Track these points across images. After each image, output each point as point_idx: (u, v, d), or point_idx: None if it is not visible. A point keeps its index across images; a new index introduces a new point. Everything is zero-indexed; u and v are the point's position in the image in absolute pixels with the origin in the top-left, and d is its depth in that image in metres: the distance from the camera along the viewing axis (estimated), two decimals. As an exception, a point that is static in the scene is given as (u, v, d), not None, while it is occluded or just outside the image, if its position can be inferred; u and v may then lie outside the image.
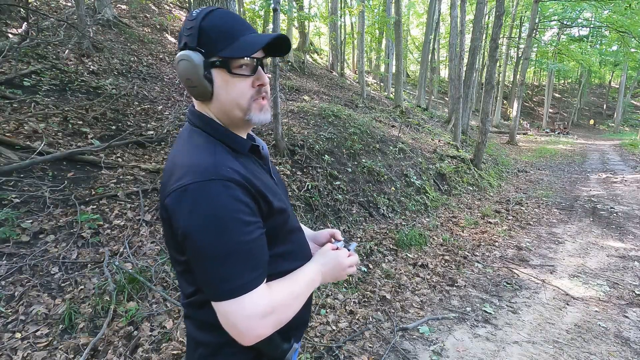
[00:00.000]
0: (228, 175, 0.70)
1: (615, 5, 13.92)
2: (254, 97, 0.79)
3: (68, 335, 2.17)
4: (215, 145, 0.78)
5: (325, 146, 5.48)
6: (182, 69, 0.75)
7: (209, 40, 0.74)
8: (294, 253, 0.89)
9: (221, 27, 0.75)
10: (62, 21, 5.88)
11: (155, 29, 9.09)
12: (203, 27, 0.74)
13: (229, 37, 0.75)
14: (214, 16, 0.75)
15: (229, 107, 0.79)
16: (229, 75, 0.76)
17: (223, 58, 0.74)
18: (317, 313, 2.78)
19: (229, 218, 0.67)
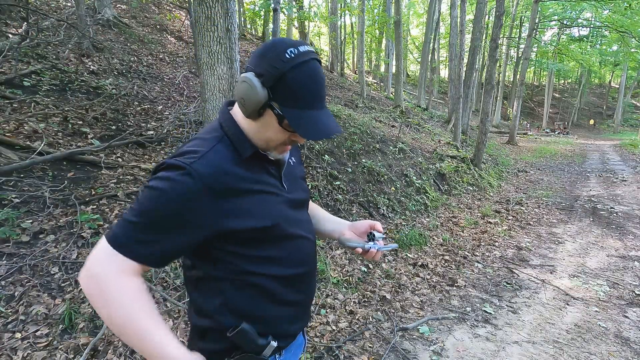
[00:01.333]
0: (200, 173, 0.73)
1: (615, 5, 13.93)
2: (283, 145, 0.85)
3: (68, 335, 2.17)
4: (220, 139, 0.82)
5: (325, 146, 5.48)
6: (243, 91, 0.76)
7: (283, 91, 0.74)
8: (285, 260, 0.88)
9: (300, 88, 0.75)
10: (62, 21, 5.88)
11: (155, 29, 9.09)
12: (286, 77, 0.73)
13: (300, 103, 0.75)
14: (301, 72, 0.74)
15: (259, 137, 0.83)
16: (277, 124, 0.79)
17: (281, 114, 0.76)
18: (317, 313, 2.78)
19: (167, 199, 0.72)
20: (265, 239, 0.83)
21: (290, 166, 0.97)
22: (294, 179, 0.96)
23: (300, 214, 0.96)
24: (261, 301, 0.86)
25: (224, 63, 3.28)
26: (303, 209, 0.99)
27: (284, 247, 0.88)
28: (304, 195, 0.98)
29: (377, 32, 18.89)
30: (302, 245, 0.92)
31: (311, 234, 0.98)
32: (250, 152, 0.82)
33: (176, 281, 2.73)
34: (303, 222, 0.96)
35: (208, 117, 3.35)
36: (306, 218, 0.99)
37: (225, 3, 3.22)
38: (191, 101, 6.00)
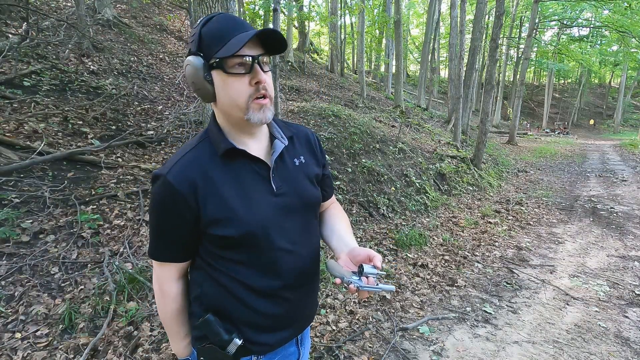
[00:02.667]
0: (173, 180, 0.80)
1: (615, 5, 13.92)
2: (252, 96, 0.79)
3: (68, 335, 2.17)
4: (199, 143, 0.86)
5: (325, 146, 5.48)
6: (187, 74, 0.80)
7: (206, 43, 0.78)
8: (257, 270, 0.85)
9: (216, 30, 0.78)
10: (62, 21, 5.88)
11: (155, 29, 9.09)
12: (202, 33, 0.78)
13: (222, 39, 0.77)
14: (213, 21, 0.79)
15: (229, 108, 0.81)
16: (226, 75, 0.77)
17: (218, 59, 0.76)
18: (317, 313, 2.78)
19: (156, 207, 0.84)
20: (236, 244, 0.83)
21: (294, 165, 0.92)
22: (292, 179, 0.90)
23: (289, 221, 0.88)
24: (231, 301, 0.87)
25: (224, 63, 3.27)
26: (297, 214, 0.90)
27: (257, 257, 0.84)
28: (298, 200, 0.90)
29: (377, 32, 18.89)
30: (279, 258, 0.86)
31: (299, 245, 0.90)
32: (223, 147, 0.82)
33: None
34: (289, 230, 0.88)
35: (208, 117, 3.36)
36: (298, 226, 0.90)
37: (225, 3, 3.22)
38: (191, 101, 6.00)
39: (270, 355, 0.93)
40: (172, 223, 0.84)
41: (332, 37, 15.42)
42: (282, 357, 0.96)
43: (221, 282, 0.87)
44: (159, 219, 0.86)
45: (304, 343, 1.05)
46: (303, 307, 0.97)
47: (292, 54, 14.26)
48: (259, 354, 0.91)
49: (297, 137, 0.98)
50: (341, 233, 1.02)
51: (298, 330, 0.98)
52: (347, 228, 1.05)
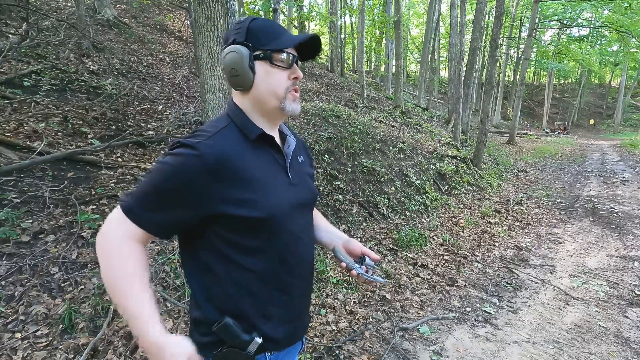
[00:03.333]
0: (202, 153, 0.78)
1: (615, 5, 13.92)
2: (289, 88, 0.89)
3: (68, 335, 2.17)
4: (226, 126, 0.87)
5: (325, 146, 5.48)
6: (229, 60, 0.85)
7: (255, 36, 0.86)
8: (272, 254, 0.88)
9: (266, 27, 0.88)
10: (62, 21, 5.88)
11: (155, 29, 9.09)
12: (251, 27, 0.86)
13: (272, 35, 0.87)
14: (259, 20, 0.88)
15: (267, 96, 0.88)
16: (270, 66, 0.86)
17: (266, 50, 0.85)
18: (317, 313, 2.78)
19: (171, 176, 0.79)
20: (258, 227, 0.84)
21: (299, 162, 1.00)
22: (302, 174, 0.99)
23: (301, 213, 0.95)
24: (243, 294, 0.86)
25: (224, 63, 3.27)
26: (305, 208, 0.99)
27: (272, 241, 0.87)
28: (309, 194, 0.99)
29: (377, 32, 18.89)
30: (294, 243, 0.92)
31: (307, 236, 0.98)
32: (256, 132, 0.87)
33: (176, 281, 2.73)
34: (299, 218, 0.94)
35: (208, 117, 3.35)
36: (306, 219, 0.99)
37: (225, 3, 3.22)
38: (191, 101, 6.00)
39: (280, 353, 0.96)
40: (181, 198, 0.79)
41: (332, 37, 15.42)
42: (291, 348, 1.00)
43: (232, 277, 0.86)
44: (169, 186, 0.79)
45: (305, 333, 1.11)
46: (305, 301, 1.01)
47: (292, 54, 14.23)
48: (272, 351, 0.92)
49: (297, 140, 1.07)
50: (329, 229, 1.13)
51: (301, 322, 1.01)
52: (328, 223, 1.18)
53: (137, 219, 0.80)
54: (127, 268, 0.80)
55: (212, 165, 0.79)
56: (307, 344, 2.41)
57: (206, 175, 0.78)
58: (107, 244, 0.81)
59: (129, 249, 0.81)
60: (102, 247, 0.82)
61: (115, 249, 0.80)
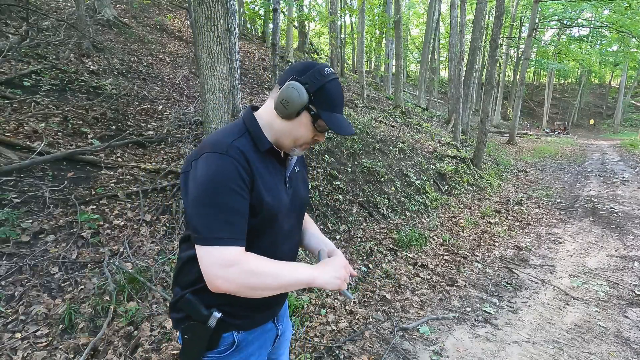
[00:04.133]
0: (236, 156, 0.87)
1: (615, 5, 13.92)
2: (307, 143, 1.00)
3: (68, 335, 2.17)
4: (242, 134, 0.95)
5: (325, 146, 5.48)
6: (289, 93, 0.92)
7: (321, 97, 0.94)
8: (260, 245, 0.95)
9: (334, 97, 0.96)
10: (62, 21, 5.88)
11: (155, 29, 9.09)
12: (325, 87, 0.94)
13: (333, 107, 0.96)
14: (334, 84, 0.96)
15: (287, 135, 0.97)
16: (310, 124, 0.96)
17: (318, 114, 0.94)
18: (317, 313, 2.78)
19: (224, 184, 0.84)
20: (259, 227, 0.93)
21: (295, 172, 1.11)
22: (297, 183, 1.10)
23: (293, 216, 1.06)
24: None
25: (224, 63, 3.28)
26: (297, 212, 1.09)
27: (265, 239, 0.97)
28: (300, 201, 1.11)
29: (377, 32, 18.89)
30: (282, 240, 1.03)
31: (295, 236, 1.10)
32: (267, 146, 0.96)
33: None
34: (292, 223, 1.07)
35: (208, 117, 3.35)
36: (296, 222, 1.10)
37: (225, 3, 3.22)
38: (191, 101, 6.00)
39: (250, 331, 1.02)
40: (241, 197, 0.86)
41: (332, 37, 15.42)
42: (261, 332, 1.07)
43: None
44: (227, 193, 0.83)
45: (282, 321, 1.18)
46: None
47: (292, 54, 14.25)
48: (239, 329, 1.00)
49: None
50: (317, 234, 1.21)
51: (275, 308, 1.11)
52: (319, 231, 1.25)
53: (221, 242, 0.82)
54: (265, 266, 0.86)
55: (243, 163, 0.88)
56: (306, 344, 2.41)
57: (241, 169, 0.86)
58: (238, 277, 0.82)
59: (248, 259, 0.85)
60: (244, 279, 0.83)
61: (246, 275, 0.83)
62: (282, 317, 1.18)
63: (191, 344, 0.95)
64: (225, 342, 0.98)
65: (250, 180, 0.89)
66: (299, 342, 2.43)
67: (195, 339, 0.95)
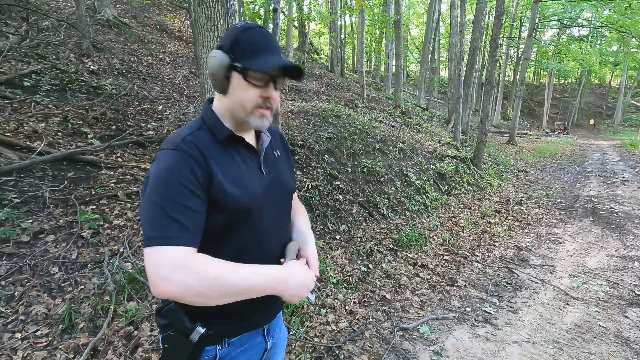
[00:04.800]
0: (188, 150, 0.82)
1: (615, 5, 13.92)
2: (258, 105, 0.90)
3: (68, 335, 2.17)
4: (199, 127, 0.91)
5: (325, 146, 5.48)
6: (210, 64, 0.88)
7: (240, 48, 0.87)
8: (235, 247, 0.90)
9: (252, 42, 0.88)
10: (62, 21, 5.88)
11: (155, 29, 9.09)
12: (239, 37, 0.88)
13: (255, 52, 0.87)
14: (252, 33, 0.88)
15: (236, 106, 0.91)
16: (244, 81, 0.88)
17: (243, 66, 0.86)
18: (317, 313, 2.78)
19: (173, 180, 0.79)
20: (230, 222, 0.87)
21: (275, 157, 1.05)
22: (276, 168, 1.03)
23: (273, 206, 0.98)
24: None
25: (224, 63, 3.27)
26: (279, 201, 1.02)
27: (241, 236, 0.90)
28: (283, 188, 1.03)
29: (377, 32, 18.89)
30: (260, 237, 0.94)
31: (278, 231, 1.01)
32: (225, 133, 0.91)
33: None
34: (273, 215, 0.98)
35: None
36: (280, 214, 1.02)
37: (225, 3, 3.22)
38: (191, 101, 6.00)
39: (235, 345, 0.96)
40: (193, 193, 0.79)
41: (332, 37, 15.42)
42: (248, 347, 1.00)
43: None
44: (176, 191, 0.77)
45: (273, 334, 1.08)
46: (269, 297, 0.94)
47: (292, 54, 14.25)
48: (223, 337, 0.94)
49: (273, 135, 1.10)
50: (301, 228, 1.13)
51: (262, 320, 1.02)
52: (307, 224, 1.17)
53: (168, 242, 0.75)
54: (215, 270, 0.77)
55: (196, 156, 0.82)
56: (306, 344, 2.41)
57: (193, 164, 0.81)
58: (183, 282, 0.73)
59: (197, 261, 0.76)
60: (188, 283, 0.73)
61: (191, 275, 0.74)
62: (273, 329, 1.09)
63: (171, 354, 0.89)
64: (207, 356, 0.92)
65: (206, 175, 0.83)
66: (299, 342, 2.43)
67: (175, 351, 0.88)
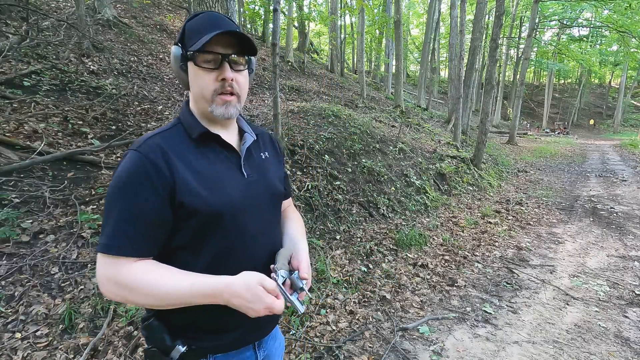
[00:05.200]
0: (149, 152, 0.78)
1: (615, 5, 13.92)
2: (217, 91, 0.84)
3: (68, 335, 2.17)
4: (173, 126, 0.88)
5: (325, 146, 5.48)
6: (171, 62, 0.88)
7: (187, 36, 0.84)
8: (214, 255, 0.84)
9: (196, 26, 0.84)
10: (62, 21, 5.88)
11: (155, 29, 9.09)
12: (186, 26, 0.85)
13: (198, 34, 0.82)
14: (198, 17, 0.85)
15: (197, 98, 0.86)
16: (197, 68, 0.83)
17: (190, 52, 0.82)
18: (317, 313, 2.78)
19: (128, 184, 0.76)
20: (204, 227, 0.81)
21: (261, 159, 0.98)
22: (261, 170, 0.95)
23: (257, 209, 0.90)
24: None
25: (224, 63, 3.27)
26: (264, 206, 0.93)
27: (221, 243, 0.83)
28: (269, 191, 0.94)
29: (377, 32, 18.89)
30: (244, 244, 0.86)
31: (264, 236, 0.91)
32: (199, 131, 0.85)
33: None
34: (256, 218, 0.89)
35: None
36: (266, 219, 0.93)
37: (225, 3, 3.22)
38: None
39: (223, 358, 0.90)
40: (144, 200, 0.75)
41: (332, 37, 15.42)
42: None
43: None
44: (126, 196, 0.75)
45: (265, 346, 1.01)
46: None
47: (292, 54, 14.25)
48: (208, 356, 0.87)
49: (262, 136, 1.05)
50: (294, 237, 1.02)
51: (252, 334, 0.94)
52: (302, 231, 1.07)
53: (111, 251, 0.75)
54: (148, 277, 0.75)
55: (157, 158, 0.78)
56: (306, 344, 2.41)
57: (151, 167, 0.77)
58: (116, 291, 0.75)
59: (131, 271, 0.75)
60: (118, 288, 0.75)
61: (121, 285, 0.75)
62: (265, 341, 1.01)
63: None
64: None
65: (168, 180, 0.77)
66: (299, 342, 2.43)
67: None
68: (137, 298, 0.75)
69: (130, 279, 0.74)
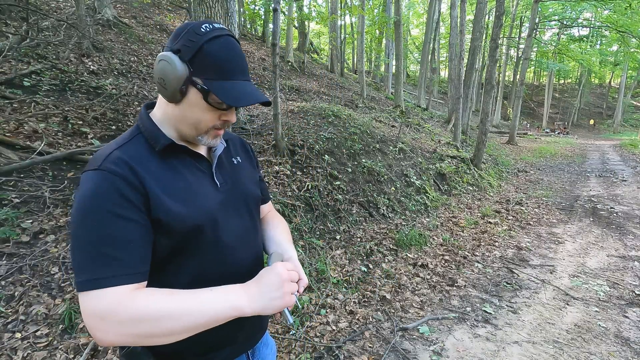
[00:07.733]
0: (114, 168, 0.69)
1: (615, 5, 13.92)
2: (215, 126, 0.79)
3: (68, 335, 2.17)
4: (133, 137, 0.78)
5: (325, 146, 5.48)
6: (161, 69, 0.73)
7: (202, 63, 0.72)
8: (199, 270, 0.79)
9: (219, 58, 0.73)
10: (62, 21, 5.88)
11: (155, 29, 9.09)
12: (204, 49, 0.72)
13: (221, 73, 0.73)
14: (218, 43, 0.73)
15: (187, 123, 0.78)
16: (203, 102, 0.75)
17: (207, 88, 0.73)
18: (317, 313, 2.78)
19: (99, 208, 0.66)
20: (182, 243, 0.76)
21: (233, 164, 0.92)
22: (234, 176, 0.90)
23: (234, 217, 0.85)
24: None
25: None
26: (240, 212, 0.88)
27: (201, 256, 0.78)
28: (244, 197, 0.90)
29: (377, 32, 18.90)
30: (225, 255, 0.82)
31: (244, 244, 0.87)
32: (164, 142, 0.76)
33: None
34: (234, 227, 0.85)
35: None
36: (243, 226, 0.88)
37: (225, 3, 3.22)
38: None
39: None
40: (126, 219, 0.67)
41: (332, 37, 15.43)
42: None
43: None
44: (102, 220, 0.65)
45: (259, 353, 0.99)
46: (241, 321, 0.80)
47: (292, 54, 14.25)
48: None
49: (232, 141, 0.99)
50: (281, 243, 0.99)
51: (243, 345, 0.92)
52: (288, 238, 1.03)
53: (99, 284, 0.64)
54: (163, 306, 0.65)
55: (126, 174, 0.70)
56: (306, 344, 2.41)
57: (122, 184, 0.69)
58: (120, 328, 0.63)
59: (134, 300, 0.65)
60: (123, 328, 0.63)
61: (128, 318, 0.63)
62: (258, 348, 0.99)
63: None
64: None
65: (142, 193, 0.70)
66: (299, 342, 2.43)
67: None
68: (153, 328, 0.64)
69: (139, 306, 0.64)
